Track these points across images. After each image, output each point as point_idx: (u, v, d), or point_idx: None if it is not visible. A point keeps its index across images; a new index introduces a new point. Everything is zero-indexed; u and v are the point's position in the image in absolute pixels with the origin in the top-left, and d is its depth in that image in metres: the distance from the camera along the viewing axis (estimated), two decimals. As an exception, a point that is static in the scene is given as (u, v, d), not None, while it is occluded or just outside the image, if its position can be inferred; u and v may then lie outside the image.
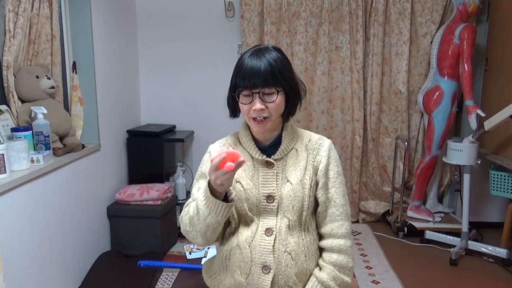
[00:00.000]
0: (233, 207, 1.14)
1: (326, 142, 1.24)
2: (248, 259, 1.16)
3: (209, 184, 1.09)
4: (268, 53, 1.14)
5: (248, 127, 1.25)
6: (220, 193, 1.10)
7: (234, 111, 1.24)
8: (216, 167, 1.02)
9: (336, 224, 1.21)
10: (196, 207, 1.14)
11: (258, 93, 1.12)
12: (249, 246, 1.17)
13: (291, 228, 1.17)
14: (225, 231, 1.24)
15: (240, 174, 1.19)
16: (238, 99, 1.16)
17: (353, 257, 1.23)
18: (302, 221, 1.19)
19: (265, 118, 1.14)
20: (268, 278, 1.14)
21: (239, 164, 1.01)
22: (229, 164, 1.00)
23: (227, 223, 1.22)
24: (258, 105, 1.12)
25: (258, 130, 1.17)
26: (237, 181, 1.19)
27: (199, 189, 1.17)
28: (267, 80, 1.11)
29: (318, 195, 1.21)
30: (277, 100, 1.14)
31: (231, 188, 1.14)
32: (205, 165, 1.26)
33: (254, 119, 1.15)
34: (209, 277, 1.32)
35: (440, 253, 2.82)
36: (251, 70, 1.11)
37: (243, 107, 1.16)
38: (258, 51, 1.16)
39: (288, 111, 1.21)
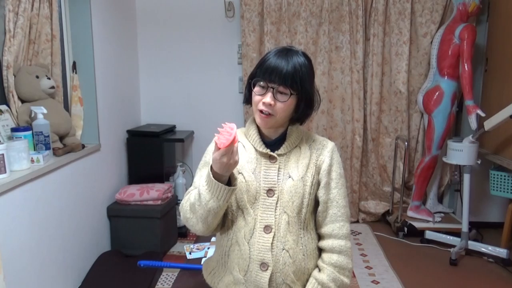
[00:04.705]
0: (235, 191, 1.15)
1: (330, 144, 1.27)
2: (247, 256, 1.17)
3: (211, 169, 1.10)
4: (297, 56, 1.16)
5: (255, 121, 1.26)
6: (224, 179, 1.11)
7: (248, 99, 1.25)
8: (228, 150, 1.04)
9: (337, 225, 1.21)
10: (198, 193, 1.15)
11: (273, 88, 1.14)
12: (247, 243, 1.17)
13: (290, 225, 1.18)
14: (224, 223, 1.24)
15: (243, 166, 1.21)
16: (253, 87, 1.18)
17: (352, 259, 1.23)
18: (302, 219, 1.20)
19: (269, 114, 1.16)
20: (266, 275, 1.15)
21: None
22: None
23: (225, 215, 1.23)
24: (268, 99, 1.14)
25: (261, 123, 1.20)
26: (239, 173, 1.20)
27: (201, 177, 1.19)
28: (286, 80, 1.13)
29: (319, 195, 1.22)
30: (287, 102, 1.15)
31: (235, 173, 1.16)
32: (209, 155, 1.26)
33: (261, 111, 1.16)
34: (208, 274, 1.33)
35: (440, 253, 2.82)
36: (274, 66, 1.13)
37: (254, 97, 1.18)
38: (288, 51, 1.17)
39: (297, 118, 1.23)
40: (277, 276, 1.16)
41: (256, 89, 1.17)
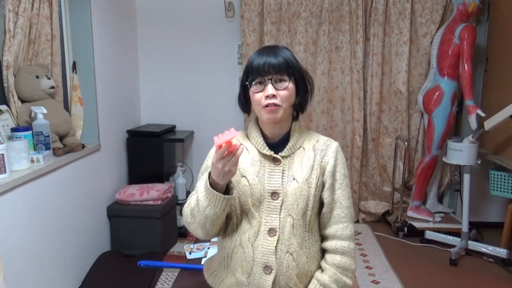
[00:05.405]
0: (232, 200, 1.15)
1: (334, 144, 1.25)
2: (250, 258, 1.16)
3: (209, 176, 1.10)
4: (282, 49, 1.19)
5: (258, 123, 1.26)
6: (221, 186, 1.11)
7: (245, 106, 1.26)
8: (223, 155, 1.05)
9: (341, 226, 1.21)
10: (197, 199, 1.15)
11: (271, 79, 1.15)
12: (251, 246, 1.17)
13: (295, 228, 1.17)
14: (227, 227, 1.24)
15: (246, 169, 1.20)
16: (250, 87, 1.17)
17: (355, 260, 1.23)
18: (307, 221, 1.19)
19: (276, 106, 1.15)
20: (270, 278, 1.14)
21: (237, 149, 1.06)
22: (234, 144, 1.05)
23: (229, 218, 1.22)
24: (270, 90, 1.14)
25: (269, 118, 1.17)
26: (242, 176, 1.19)
27: (202, 181, 1.18)
28: (280, 68, 1.14)
29: (324, 196, 1.21)
30: (288, 87, 1.16)
31: (233, 181, 1.16)
32: (211, 159, 1.25)
33: (266, 106, 1.15)
34: (210, 275, 1.32)
35: (440, 253, 2.82)
36: (264, 61, 1.15)
37: (254, 97, 1.17)
38: (270, 47, 1.20)
39: (298, 103, 1.22)
40: (281, 279, 1.16)
41: (254, 88, 1.17)
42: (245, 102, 1.25)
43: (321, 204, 1.23)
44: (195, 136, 3.47)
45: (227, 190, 1.14)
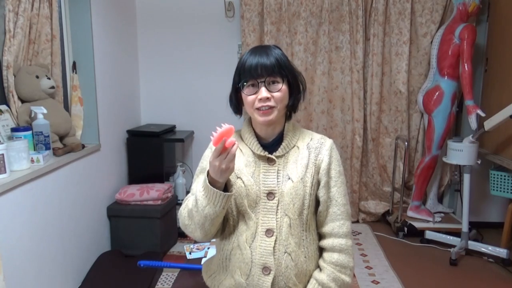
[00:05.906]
0: (231, 198, 1.14)
1: (328, 142, 1.25)
2: (249, 260, 1.16)
3: (208, 175, 1.10)
4: (273, 49, 1.18)
5: (251, 124, 1.25)
6: (220, 185, 1.11)
7: (237, 108, 1.25)
8: (219, 151, 1.04)
9: (337, 223, 1.20)
10: (195, 199, 1.15)
11: (264, 82, 1.14)
12: (249, 247, 1.16)
13: (292, 228, 1.16)
14: (225, 228, 1.23)
15: (241, 170, 1.19)
16: (243, 89, 1.16)
17: (353, 257, 1.23)
18: (304, 221, 1.18)
19: (270, 108, 1.14)
20: (268, 279, 1.14)
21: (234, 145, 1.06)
22: (231, 140, 1.04)
23: (225, 219, 1.22)
24: (264, 93, 1.13)
25: (263, 120, 1.16)
26: (238, 177, 1.19)
27: (198, 183, 1.18)
28: (273, 69, 1.13)
29: (319, 194, 1.21)
30: (282, 89, 1.15)
31: (231, 180, 1.15)
32: (206, 161, 1.25)
33: (259, 109, 1.14)
34: (209, 277, 1.32)
35: (440, 253, 2.82)
36: (257, 62, 1.13)
37: (247, 99, 1.16)
38: (261, 47, 1.19)
39: (291, 104, 1.21)
40: (279, 279, 1.15)
41: (247, 90, 1.16)
42: (237, 104, 1.24)
43: (317, 202, 1.22)
44: (195, 136, 3.47)
45: (225, 189, 1.14)
